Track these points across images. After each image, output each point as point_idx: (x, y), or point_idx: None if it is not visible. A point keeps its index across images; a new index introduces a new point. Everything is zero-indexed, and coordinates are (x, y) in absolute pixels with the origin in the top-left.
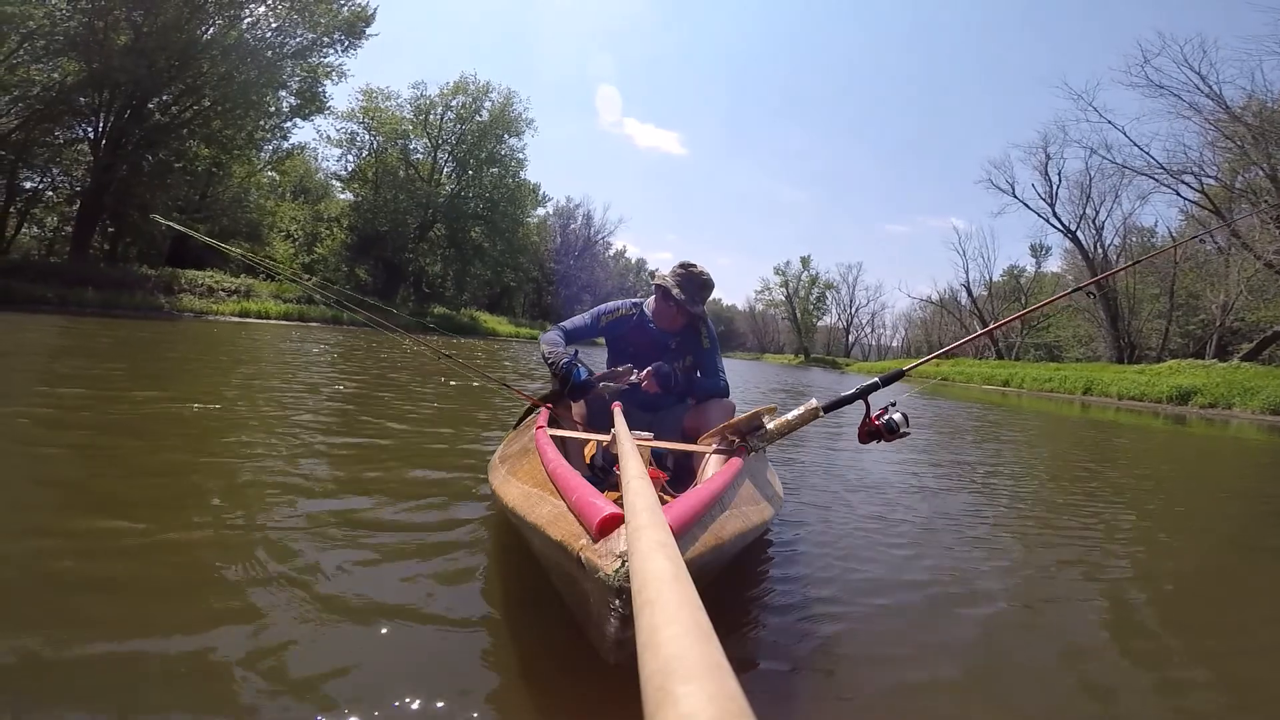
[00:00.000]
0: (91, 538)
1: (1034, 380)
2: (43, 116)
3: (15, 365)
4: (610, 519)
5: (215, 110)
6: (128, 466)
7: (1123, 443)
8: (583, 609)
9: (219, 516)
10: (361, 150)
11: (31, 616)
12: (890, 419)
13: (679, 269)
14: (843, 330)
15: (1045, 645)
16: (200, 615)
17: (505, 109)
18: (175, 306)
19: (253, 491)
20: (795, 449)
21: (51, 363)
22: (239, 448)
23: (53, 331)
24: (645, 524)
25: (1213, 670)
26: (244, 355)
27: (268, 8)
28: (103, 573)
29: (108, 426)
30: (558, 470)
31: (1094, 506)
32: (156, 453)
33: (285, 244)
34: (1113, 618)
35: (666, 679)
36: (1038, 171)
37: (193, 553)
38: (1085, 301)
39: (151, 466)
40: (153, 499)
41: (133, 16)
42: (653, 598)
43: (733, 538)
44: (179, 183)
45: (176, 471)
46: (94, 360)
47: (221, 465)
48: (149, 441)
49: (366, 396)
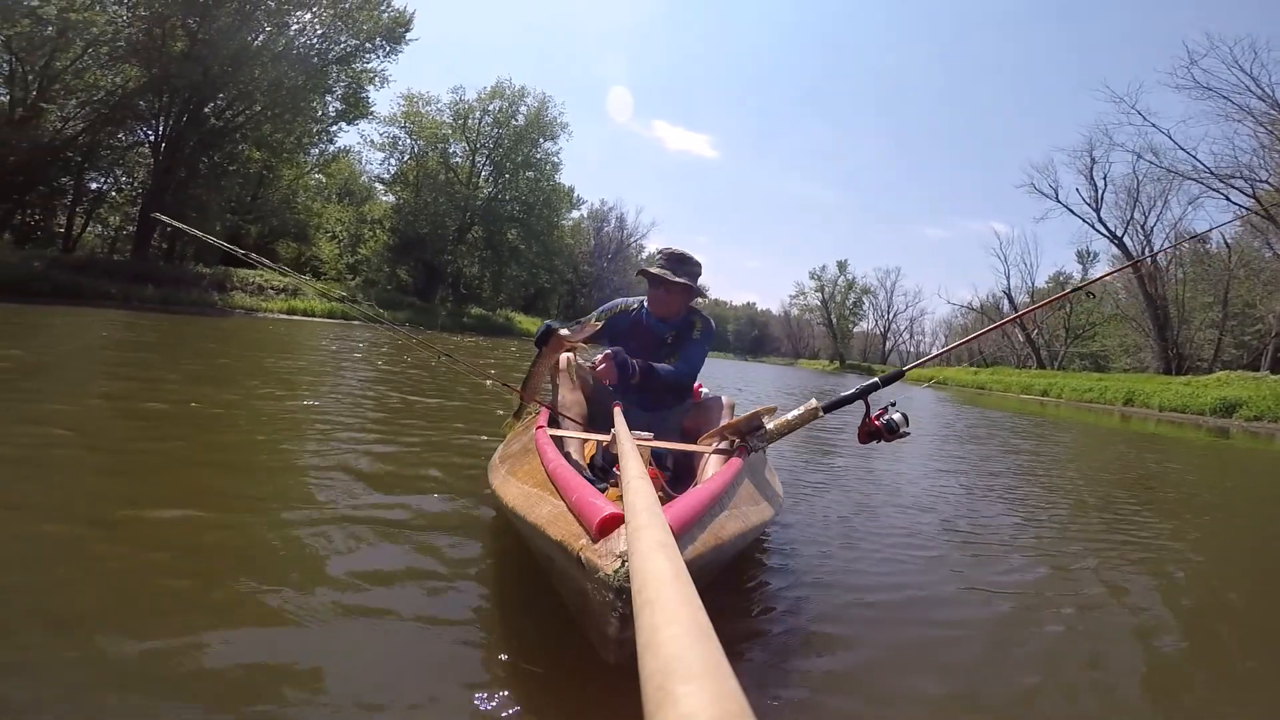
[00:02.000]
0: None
1: (1073, 390)
2: (107, 120)
3: (96, 358)
4: (610, 519)
5: (266, 115)
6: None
7: (1133, 452)
8: (583, 609)
9: (211, 513)
10: (403, 154)
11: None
12: (890, 419)
13: (659, 253)
14: (880, 336)
15: (1048, 653)
16: (197, 611)
17: (540, 113)
18: (228, 304)
19: (249, 490)
20: (796, 449)
21: (135, 355)
22: (231, 446)
23: (118, 325)
24: (645, 524)
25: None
26: (286, 351)
27: (313, 15)
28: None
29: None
30: (558, 470)
31: (1100, 516)
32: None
33: (331, 245)
34: (1110, 621)
35: (666, 679)
36: (1082, 176)
37: (192, 546)
38: (1133, 309)
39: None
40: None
41: (188, 23)
42: (653, 598)
43: (733, 538)
44: (232, 185)
45: (181, 465)
46: (164, 356)
47: (221, 461)
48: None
49: (379, 394)
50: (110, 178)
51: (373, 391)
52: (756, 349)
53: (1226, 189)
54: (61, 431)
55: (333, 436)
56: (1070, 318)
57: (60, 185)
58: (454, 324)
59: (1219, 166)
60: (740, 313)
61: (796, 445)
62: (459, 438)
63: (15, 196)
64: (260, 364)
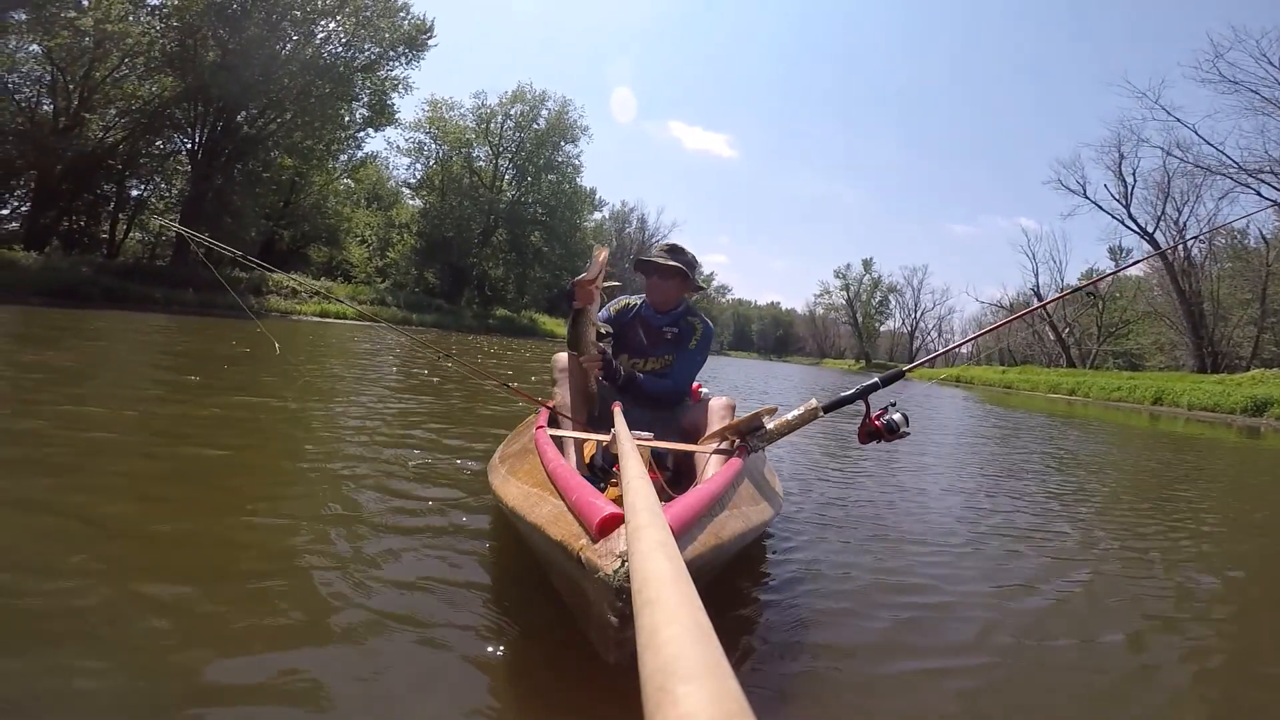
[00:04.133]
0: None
1: (1101, 389)
2: (146, 129)
3: (147, 361)
4: (610, 519)
5: (296, 123)
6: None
7: (1157, 451)
8: (583, 609)
9: (209, 514)
10: (429, 159)
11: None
12: (890, 419)
13: (652, 247)
14: (907, 335)
15: (1055, 656)
16: (196, 609)
17: (560, 116)
18: (264, 307)
19: (245, 489)
20: (795, 448)
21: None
22: (234, 447)
23: (172, 330)
24: (645, 524)
25: None
26: (318, 353)
27: (337, 23)
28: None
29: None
30: (558, 470)
31: (1102, 518)
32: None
33: (360, 249)
34: (1107, 624)
35: (666, 679)
36: (1110, 171)
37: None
38: (1167, 306)
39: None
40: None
41: (219, 33)
42: (653, 598)
43: (733, 538)
44: (266, 191)
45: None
46: (203, 361)
47: (223, 460)
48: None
49: (391, 395)
50: (150, 185)
51: (391, 391)
52: (781, 349)
53: (1258, 184)
54: (101, 435)
55: (333, 435)
56: (1102, 315)
57: (104, 192)
58: (479, 325)
59: (1247, 160)
60: (765, 312)
61: (796, 444)
62: (455, 433)
63: (62, 203)
64: (296, 366)
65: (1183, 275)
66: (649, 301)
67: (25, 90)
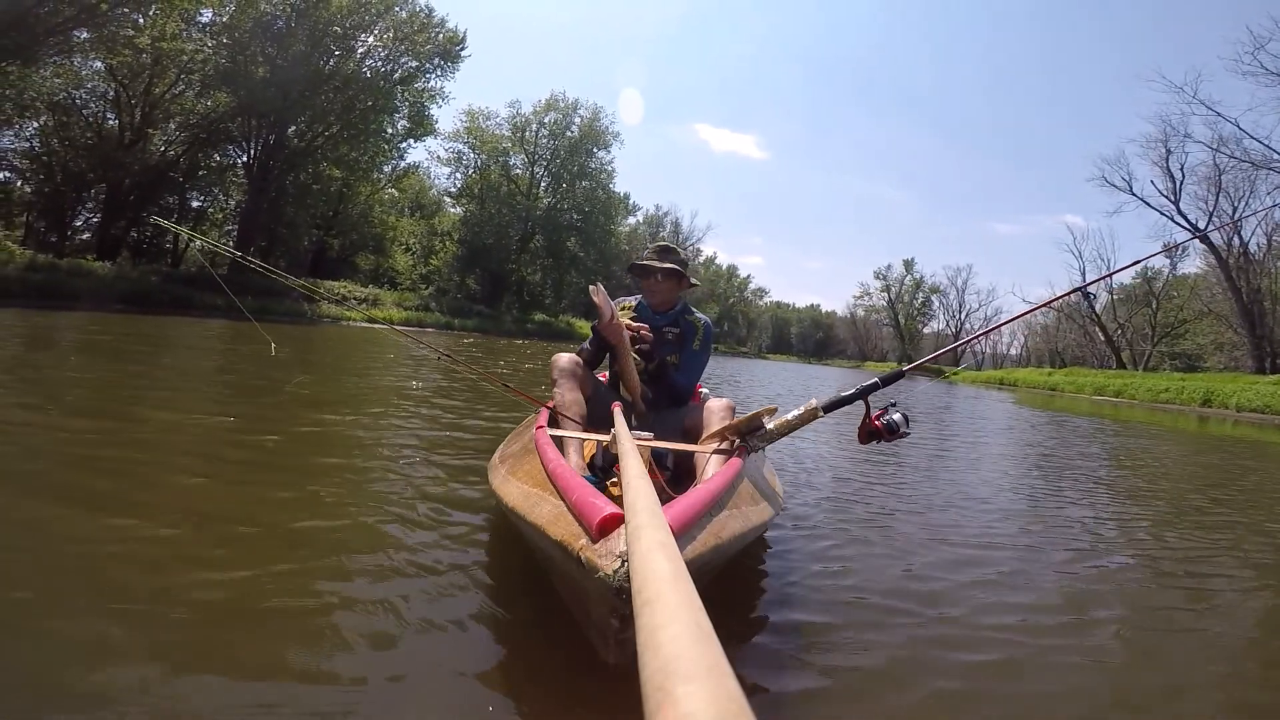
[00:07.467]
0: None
1: (1148, 391)
2: (204, 143)
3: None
4: (610, 519)
5: (342, 135)
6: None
7: (1201, 453)
8: (583, 609)
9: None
10: (468, 168)
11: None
12: (890, 419)
13: (646, 249)
14: (951, 337)
15: (1059, 657)
16: (195, 607)
17: (593, 123)
18: (315, 313)
19: (244, 490)
20: (797, 448)
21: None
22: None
23: (240, 337)
24: (645, 524)
25: None
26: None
27: (375, 38)
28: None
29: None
30: (558, 470)
31: (1107, 522)
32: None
33: (405, 256)
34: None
35: (666, 679)
36: (1158, 167)
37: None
38: (1224, 305)
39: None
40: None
41: (266, 50)
42: (653, 598)
43: (732, 538)
44: (317, 202)
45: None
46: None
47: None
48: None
49: (408, 396)
50: (209, 197)
51: (391, 391)
52: (821, 351)
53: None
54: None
55: (324, 433)
56: (1156, 315)
57: (167, 204)
58: (519, 330)
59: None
60: (803, 314)
61: (796, 444)
62: (454, 434)
63: (130, 215)
64: (345, 373)
65: (1238, 271)
66: (647, 303)
67: (92, 105)
